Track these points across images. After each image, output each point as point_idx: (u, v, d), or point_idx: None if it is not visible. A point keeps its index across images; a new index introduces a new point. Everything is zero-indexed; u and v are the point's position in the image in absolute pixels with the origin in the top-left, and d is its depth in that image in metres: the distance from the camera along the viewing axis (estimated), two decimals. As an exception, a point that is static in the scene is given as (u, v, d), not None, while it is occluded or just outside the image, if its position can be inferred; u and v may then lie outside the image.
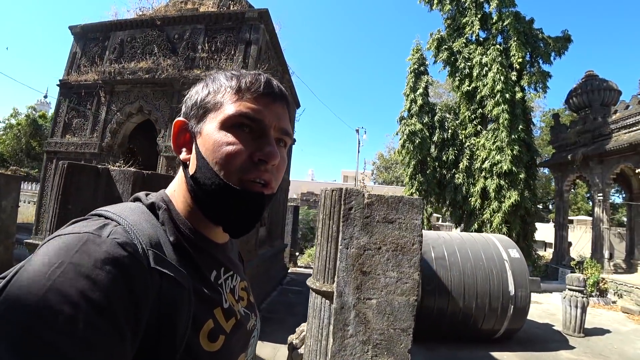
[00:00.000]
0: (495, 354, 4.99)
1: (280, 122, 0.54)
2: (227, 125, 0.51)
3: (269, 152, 0.51)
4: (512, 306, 5.20)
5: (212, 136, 0.51)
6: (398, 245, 1.78)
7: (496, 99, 10.22)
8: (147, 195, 0.55)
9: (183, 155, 0.55)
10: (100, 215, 0.46)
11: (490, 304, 5.23)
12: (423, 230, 7.65)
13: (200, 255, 0.52)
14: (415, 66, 12.94)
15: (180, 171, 0.57)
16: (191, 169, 0.53)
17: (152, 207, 0.52)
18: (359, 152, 24.70)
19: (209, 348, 0.47)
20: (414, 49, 13.18)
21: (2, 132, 24.03)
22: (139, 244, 0.43)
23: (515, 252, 5.69)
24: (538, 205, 13.61)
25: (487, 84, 10.47)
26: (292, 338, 3.03)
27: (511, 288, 5.27)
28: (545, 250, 17.33)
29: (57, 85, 6.42)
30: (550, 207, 24.44)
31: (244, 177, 0.51)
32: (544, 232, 16.25)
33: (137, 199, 0.54)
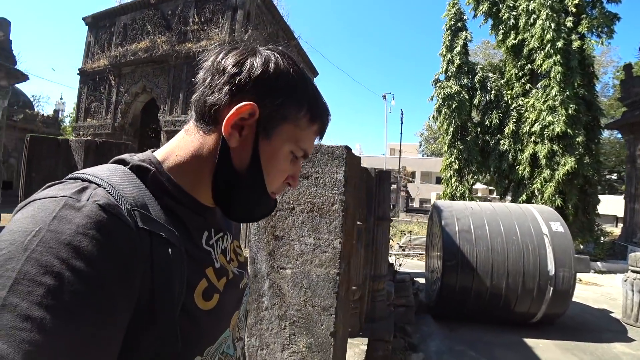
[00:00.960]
0: (528, 340, 4.35)
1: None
2: (292, 150, 0.54)
3: (297, 180, 0.60)
4: (552, 288, 4.45)
5: (280, 153, 0.53)
6: (315, 205, 1.37)
7: (546, 50, 8.69)
8: (132, 156, 0.51)
9: (233, 141, 0.50)
10: (77, 178, 0.43)
11: (524, 284, 4.53)
12: (449, 201, 6.92)
13: (190, 217, 0.51)
14: (452, 22, 11.51)
15: (196, 142, 0.52)
16: (237, 162, 0.51)
17: (138, 168, 0.48)
18: (386, 119, 23.36)
19: (204, 307, 0.47)
20: (450, 3, 11.69)
21: None
22: (123, 205, 0.40)
23: (559, 226, 4.83)
24: (605, 174, 11.62)
25: (535, 34, 8.90)
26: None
27: (551, 267, 4.49)
28: (616, 226, 15.27)
29: (77, 74, 6.75)
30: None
31: (273, 191, 0.56)
32: (616, 205, 14.13)
33: (121, 161, 0.50)
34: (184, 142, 0.53)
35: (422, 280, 6.64)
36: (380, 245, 3.86)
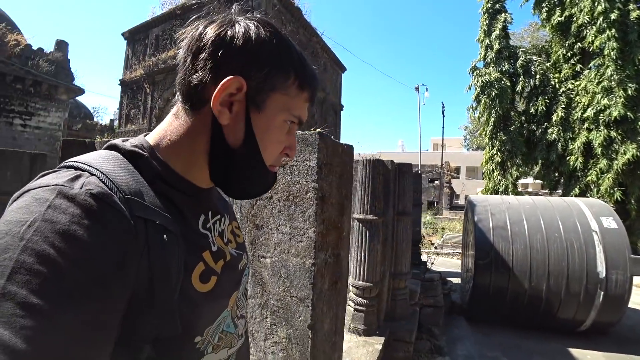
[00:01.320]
0: (573, 351, 3.90)
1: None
2: (286, 119, 0.53)
3: (295, 150, 0.57)
4: (602, 292, 3.95)
5: (274, 124, 0.52)
6: (290, 193, 1.31)
7: (598, 24, 7.72)
8: (124, 141, 0.51)
9: (224, 118, 0.49)
10: (70, 167, 0.43)
11: (569, 287, 4.08)
12: (481, 195, 6.43)
13: (185, 202, 0.50)
14: (489, 5, 10.71)
15: (186, 124, 0.51)
16: (231, 139, 0.50)
17: (131, 154, 0.48)
18: (419, 112, 22.34)
19: (201, 289, 0.48)
20: (487, -16, 10.88)
21: None
22: (117, 193, 0.40)
23: (611, 222, 4.28)
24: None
25: (584, 7, 7.97)
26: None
27: (601, 268, 4.00)
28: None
29: (118, 84, 7.38)
30: None
31: (272, 164, 0.55)
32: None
33: (113, 146, 0.50)
34: (174, 126, 0.52)
35: (458, 281, 6.28)
36: (401, 242, 3.69)
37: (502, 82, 10.02)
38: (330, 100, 7.51)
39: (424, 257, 6.84)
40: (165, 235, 0.43)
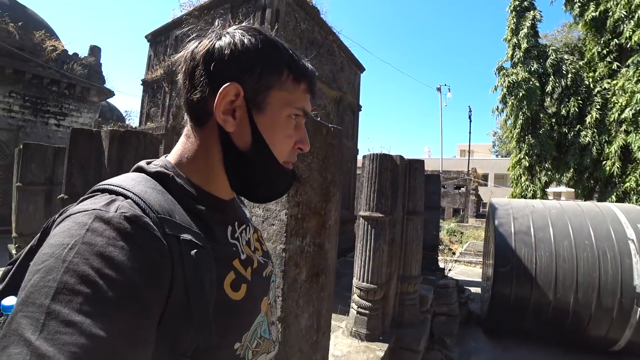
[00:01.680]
0: (605, 371, 3.51)
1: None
2: (289, 114, 0.53)
3: (307, 143, 0.57)
4: (639, 309, 3.54)
5: (278, 121, 0.53)
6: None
7: (636, 17, 7.13)
8: (148, 163, 0.54)
9: (229, 126, 0.51)
10: (105, 190, 0.46)
11: (600, 301, 3.70)
12: (504, 199, 6.03)
13: (213, 215, 0.53)
14: (517, 2, 10.24)
15: (197, 141, 0.54)
16: (240, 143, 0.52)
17: (157, 175, 0.51)
18: (441, 112, 21.61)
19: (234, 297, 0.50)
20: (515, -19, 10.40)
21: None
22: (150, 213, 0.43)
23: (651, 228, 3.85)
24: None
25: (620, 0, 7.39)
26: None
27: (638, 281, 3.60)
28: None
29: (140, 84, 7.61)
30: None
31: (286, 160, 0.56)
32: None
33: (140, 168, 0.53)
34: (187, 145, 0.54)
35: (478, 290, 5.91)
36: (410, 243, 3.48)
37: (531, 83, 9.50)
38: (347, 99, 7.37)
39: (441, 264, 6.51)
40: (196, 250, 0.44)
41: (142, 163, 0.54)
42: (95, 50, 13.45)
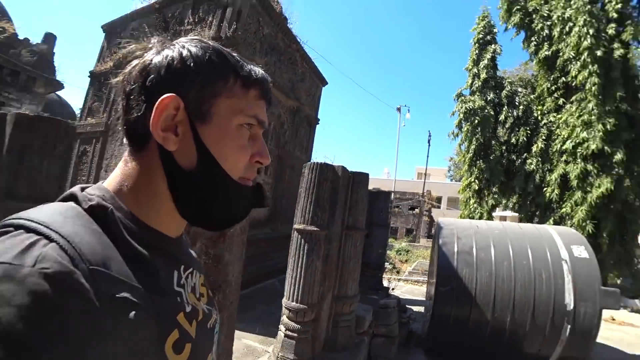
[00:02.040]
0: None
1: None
2: (240, 122, 0.48)
3: (266, 156, 0.51)
4: (569, 325, 3.62)
5: (227, 131, 0.47)
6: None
7: (582, 59, 7.79)
8: (83, 190, 0.45)
9: (171, 144, 0.44)
10: (22, 227, 0.35)
11: (535, 320, 3.75)
12: (450, 218, 6.14)
13: (158, 259, 0.45)
14: (481, 36, 10.90)
15: (138, 166, 0.46)
16: (185, 162, 0.45)
17: (92, 210, 0.41)
18: (399, 133, 22.45)
19: None
20: (480, 16, 11.11)
21: None
22: (80, 264, 0.34)
23: (582, 251, 4.02)
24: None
25: (570, 42, 8.07)
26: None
27: (569, 300, 3.69)
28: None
29: (88, 76, 7.10)
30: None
31: (243, 176, 0.49)
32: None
33: (72, 196, 0.43)
34: (127, 171, 0.47)
35: (422, 309, 5.87)
36: (348, 260, 3.32)
37: (486, 111, 10.02)
38: (305, 111, 7.29)
39: (386, 283, 6.44)
40: (135, 312, 0.37)
41: (76, 189, 0.45)
42: (49, 38, 12.50)
